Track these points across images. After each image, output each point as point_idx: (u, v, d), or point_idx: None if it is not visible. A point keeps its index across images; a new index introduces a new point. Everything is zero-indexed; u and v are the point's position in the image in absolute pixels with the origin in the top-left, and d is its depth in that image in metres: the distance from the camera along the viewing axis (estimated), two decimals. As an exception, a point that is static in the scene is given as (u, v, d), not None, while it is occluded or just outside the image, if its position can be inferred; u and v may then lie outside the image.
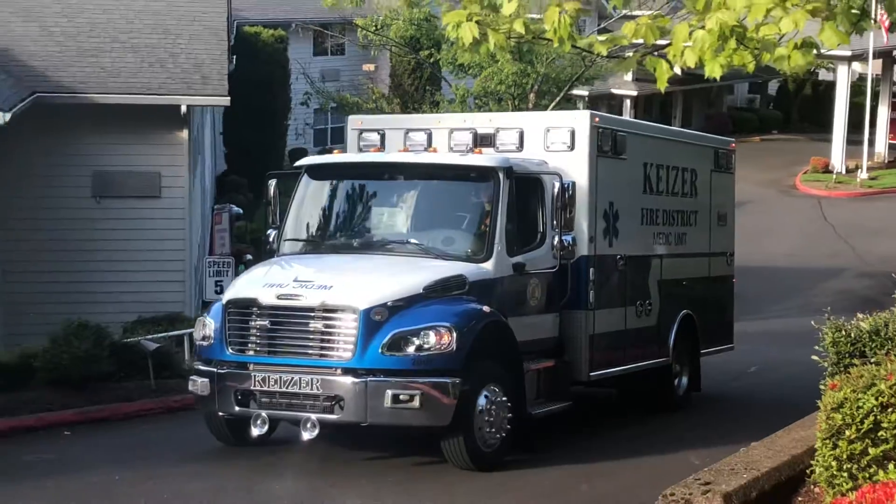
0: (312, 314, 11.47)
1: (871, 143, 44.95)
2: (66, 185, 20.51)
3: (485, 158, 12.96)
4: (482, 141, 13.74)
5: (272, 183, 13.90)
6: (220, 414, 11.87)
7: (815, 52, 6.50)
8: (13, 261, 19.46)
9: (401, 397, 10.99)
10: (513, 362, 12.18)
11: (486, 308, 11.81)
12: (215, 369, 11.76)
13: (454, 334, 11.24)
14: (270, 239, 13.69)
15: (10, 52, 20.46)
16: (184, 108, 20.55)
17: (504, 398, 11.77)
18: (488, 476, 11.62)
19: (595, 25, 33.10)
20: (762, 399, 17.42)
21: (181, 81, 20.85)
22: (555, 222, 12.70)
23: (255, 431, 11.44)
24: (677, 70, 7.26)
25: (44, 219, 19.70)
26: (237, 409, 11.63)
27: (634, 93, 52.47)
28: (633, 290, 14.71)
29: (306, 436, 11.14)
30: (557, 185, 12.55)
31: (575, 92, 34.53)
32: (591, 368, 13.62)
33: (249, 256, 26.15)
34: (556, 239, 12.66)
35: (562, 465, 12.52)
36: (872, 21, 7.04)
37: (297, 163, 14.40)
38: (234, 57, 26.11)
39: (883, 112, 45.95)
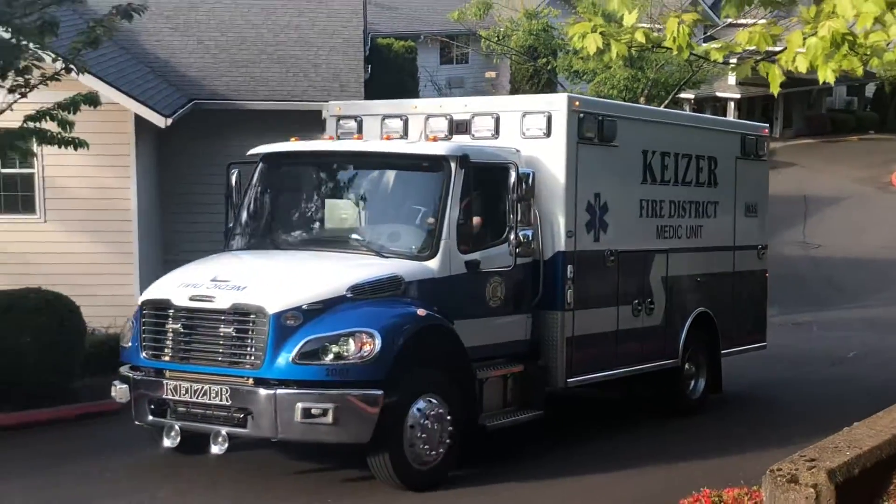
0: (223, 317, 9.68)
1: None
2: (219, 183, 20.88)
3: (435, 146, 11.01)
4: (458, 128, 11.87)
5: (233, 173, 12.16)
6: (137, 423, 10.23)
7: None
8: (174, 251, 19.82)
9: (313, 411, 9.23)
10: (460, 369, 10.28)
11: (420, 311, 9.92)
12: (132, 375, 10.21)
13: (377, 341, 9.39)
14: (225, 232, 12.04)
15: (170, 64, 21.22)
16: (324, 114, 20.81)
17: (444, 410, 9.91)
18: (430, 495, 9.95)
19: (702, 33, 32.62)
20: (861, 383, 16.17)
21: (321, 89, 21.25)
22: (511, 216, 10.70)
23: (167, 443, 9.81)
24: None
25: (198, 213, 20.04)
26: (151, 418, 9.99)
27: (738, 95, 51.73)
28: (628, 288, 12.54)
29: (215, 450, 9.49)
30: (513, 174, 10.58)
31: (682, 95, 34.20)
32: (570, 374, 11.47)
33: None
34: (513, 234, 10.66)
35: (524, 480, 10.65)
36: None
37: (251, 151, 12.25)
38: (369, 66, 26.37)
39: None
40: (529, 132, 11.41)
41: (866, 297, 27.10)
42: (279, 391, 9.25)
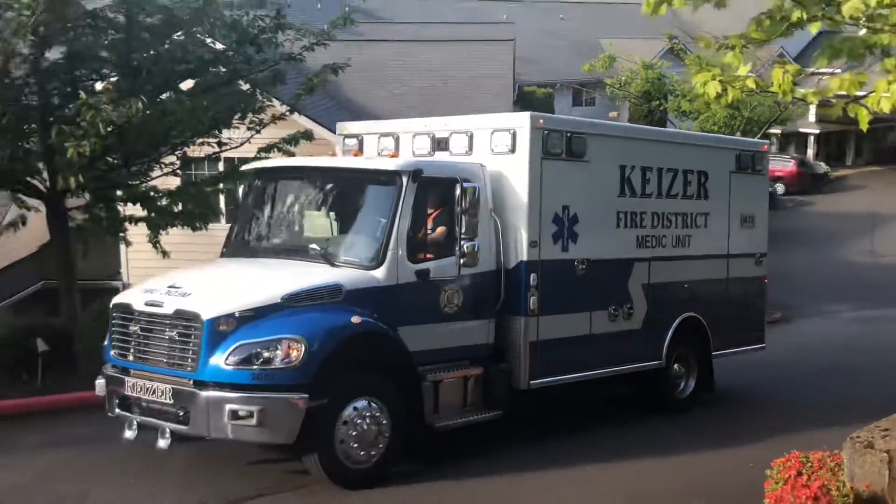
0: (168, 322, 8.73)
1: None
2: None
3: (388, 161, 10.01)
4: (439, 144, 10.68)
5: (241, 187, 11.37)
6: (109, 415, 9.30)
7: None
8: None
9: (239, 413, 8.21)
10: (402, 373, 9.15)
11: (355, 318, 8.74)
12: (106, 372, 9.38)
13: (303, 347, 8.35)
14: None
15: (364, 108, 22.56)
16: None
17: (381, 412, 8.83)
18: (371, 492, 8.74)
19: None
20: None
21: (480, 129, 21.72)
22: (457, 228, 9.51)
23: (127, 434, 8.98)
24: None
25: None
26: (117, 411, 9.12)
27: (817, 131, 50.93)
28: (603, 295, 11.02)
29: (161, 444, 8.65)
30: (458, 188, 9.46)
31: (771, 131, 33.41)
32: (533, 376, 10.16)
33: None
34: (458, 246, 9.48)
35: (502, 474, 9.43)
36: None
37: (242, 167, 11.25)
38: (517, 108, 26.64)
39: None
40: (497, 148, 10.20)
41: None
42: (210, 393, 8.33)
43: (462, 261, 9.46)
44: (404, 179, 9.40)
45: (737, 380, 13.99)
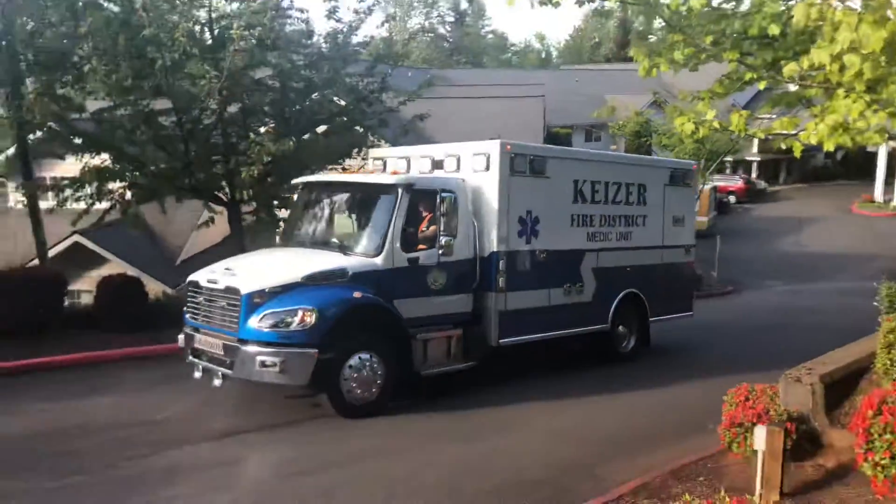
0: (220, 295, 8.40)
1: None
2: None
3: (388, 177, 9.39)
4: (436, 165, 10.12)
5: (294, 195, 10.74)
6: (186, 361, 8.91)
7: (887, 134, 5.86)
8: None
9: (266, 363, 7.91)
10: (395, 333, 8.70)
11: (356, 293, 8.34)
12: (185, 330, 8.99)
13: (315, 314, 7.97)
14: None
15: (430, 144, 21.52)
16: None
17: (377, 363, 8.43)
18: (368, 420, 8.22)
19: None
20: (826, 328, 14.03)
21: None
22: (438, 227, 9.09)
23: (196, 374, 8.65)
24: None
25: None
26: (190, 358, 8.81)
27: (759, 158, 49.61)
28: (559, 276, 10.46)
29: (216, 382, 8.36)
30: (438, 197, 9.06)
31: (726, 158, 32.75)
32: (501, 336, 9.66)
33: None
34: (437, 240, 9.05)
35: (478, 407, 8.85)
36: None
37: (293, 181, 10.62)
38: (545, 143, 26.36)
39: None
40: (476, 168, 9.72)
41: (833, 276, 25.47)
42: (247, 348, 8.02)
43: (440, 251, 9.07)
44: (400, 190, 9.01)
45: (691, 336, 13.68)
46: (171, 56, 11.36)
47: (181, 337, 9.05)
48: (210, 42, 12.41)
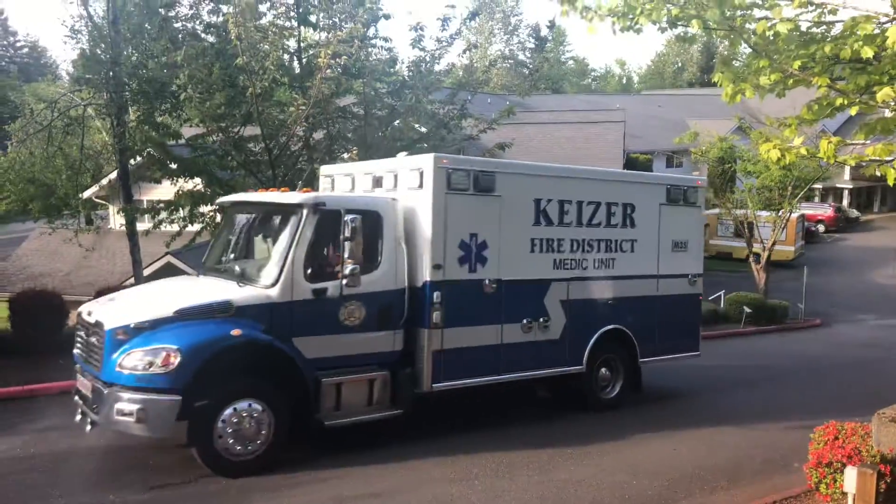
0: (92, 329, 7.37)
1: None
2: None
3: (293, 196, 8.04)
4: (376, 182, 8.85)
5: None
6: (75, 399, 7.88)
7: None
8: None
9: (124, 410, 6.81)
10: (290, 377, 7.41)
11: (235, 331, 7.06)
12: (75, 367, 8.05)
13: (180, 355, 6.81)
14: None
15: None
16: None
17: (263, 412, 7.17)
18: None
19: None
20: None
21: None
22: (341, 253, 7.72)
23: (77, 418, 7.52)
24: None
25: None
26: (76, 398, 7.71)
27: (850, 185, 47.15)
28: (516, 309, 8.85)
29: (87, 428, 7.34)
30: (342, 219, 7.73)
31: (815, 186, 31.45)
32: (435, 380, 8.18)
33: None
34: (340, 269, 7.68)
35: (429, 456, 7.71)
36: None
37: (217, 200, 9.68)
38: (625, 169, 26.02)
39: None
40: (410, 185, 8.39)
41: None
42: (107, 391, 6.98)
43: (345, 282, 7.66)
44: (305, 211, 7.74)
45: (769, 368, 13.13)
46: (262, 84, 11.77)
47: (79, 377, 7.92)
48: (298, 70, 12.89)
